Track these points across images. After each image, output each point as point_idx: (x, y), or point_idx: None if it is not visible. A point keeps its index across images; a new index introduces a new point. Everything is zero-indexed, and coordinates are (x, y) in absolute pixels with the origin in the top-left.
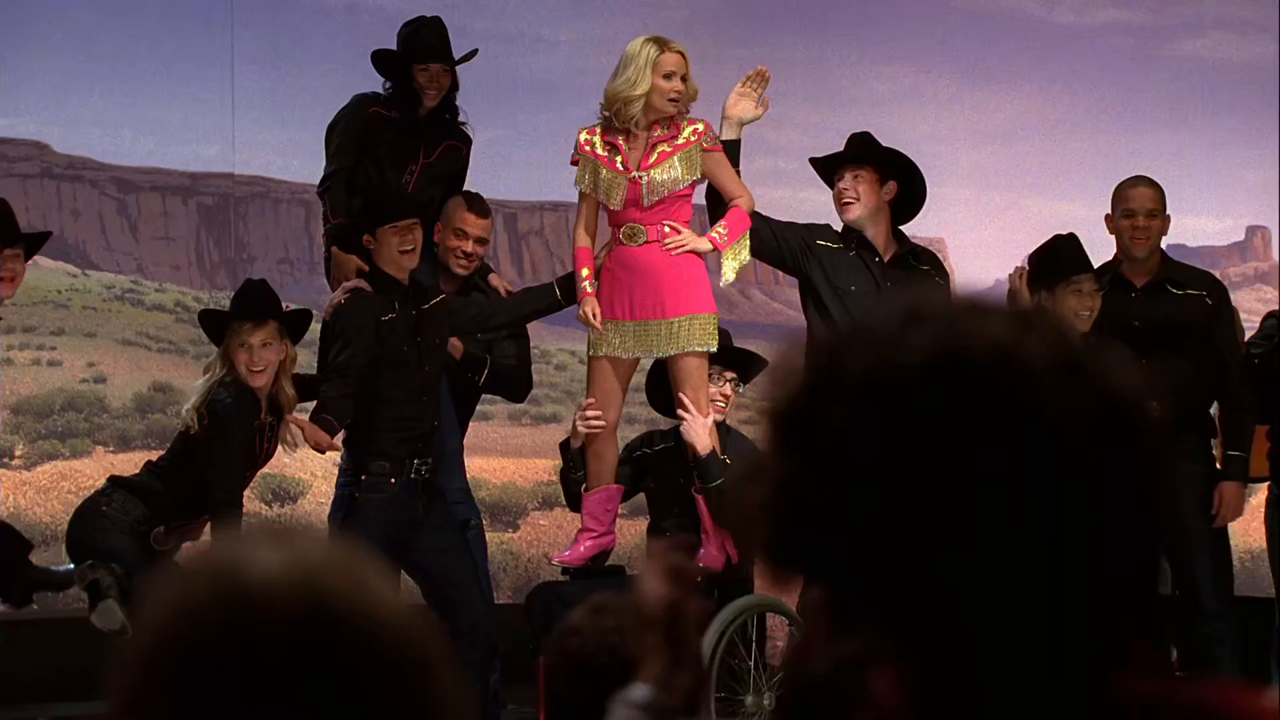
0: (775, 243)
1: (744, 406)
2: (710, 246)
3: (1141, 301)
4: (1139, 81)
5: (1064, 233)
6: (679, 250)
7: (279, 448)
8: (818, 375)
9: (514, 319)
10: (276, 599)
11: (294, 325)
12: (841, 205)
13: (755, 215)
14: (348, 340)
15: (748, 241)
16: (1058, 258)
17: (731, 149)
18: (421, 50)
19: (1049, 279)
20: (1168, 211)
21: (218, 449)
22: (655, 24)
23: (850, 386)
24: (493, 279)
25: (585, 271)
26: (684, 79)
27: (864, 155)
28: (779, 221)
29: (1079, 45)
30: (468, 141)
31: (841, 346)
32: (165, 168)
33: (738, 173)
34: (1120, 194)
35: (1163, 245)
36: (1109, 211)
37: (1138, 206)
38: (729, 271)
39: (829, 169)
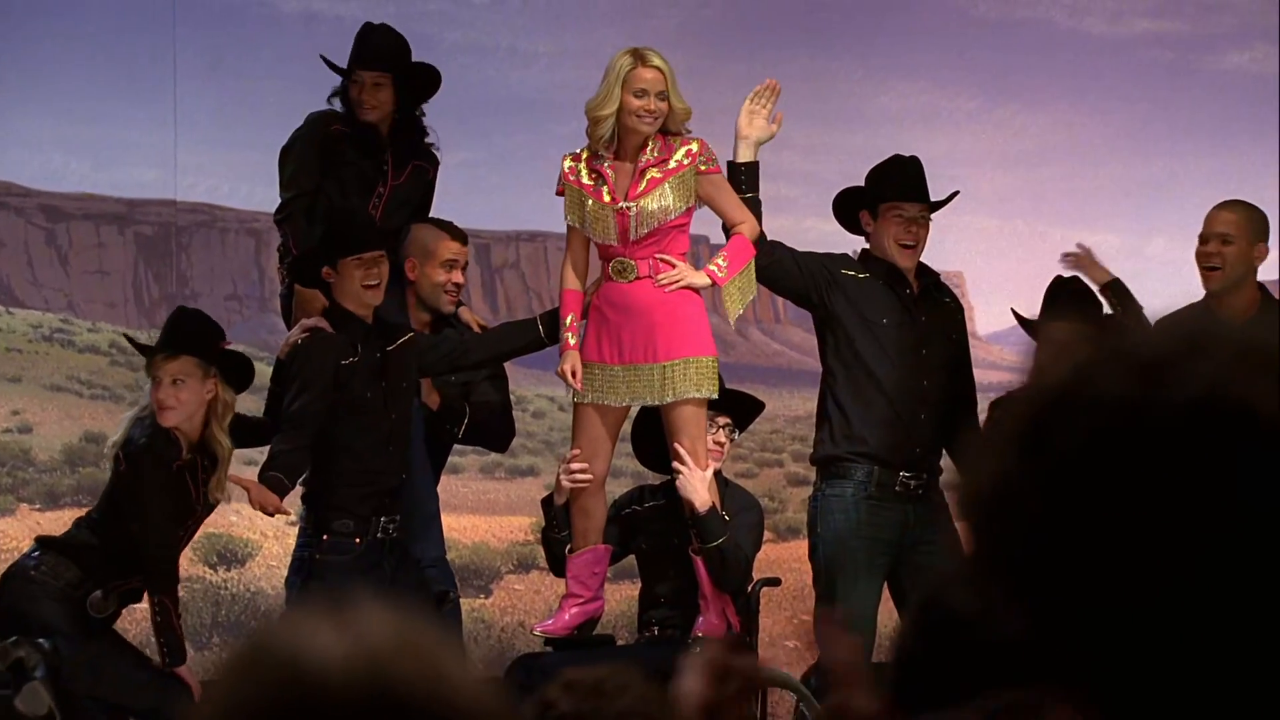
0: (799, 273)
1: (741, 457)
2: (708, 281)
3: None
4: (1178, 98)
5: (1066, 274)
6: (673, 287)
7: (221, 498)
8: (1062, 390)
9: (491, 358)
10: (340, 690)
11: (229, 367)
12: (903, 249)
13: (777, 244)
14: (304, 385)
15: (752, 274)
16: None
17: (750, 172)
18: (353, 59)
19: (873, 199)
20: (1263, 241)
21: (138, 495)
22: (642, 34)
23: (1102, 408)
24: (463, 313)
25: (570, 318)
26: (663, 96)
27: (929, 197)
28: (800, 252)
29: (1112, 58)
30: (435, 163)
31: (1098, 365)
32: (99, 194)
33: (749, 201)
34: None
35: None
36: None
37: (1208, 231)
38: (733, 309)
39: (872, 200)
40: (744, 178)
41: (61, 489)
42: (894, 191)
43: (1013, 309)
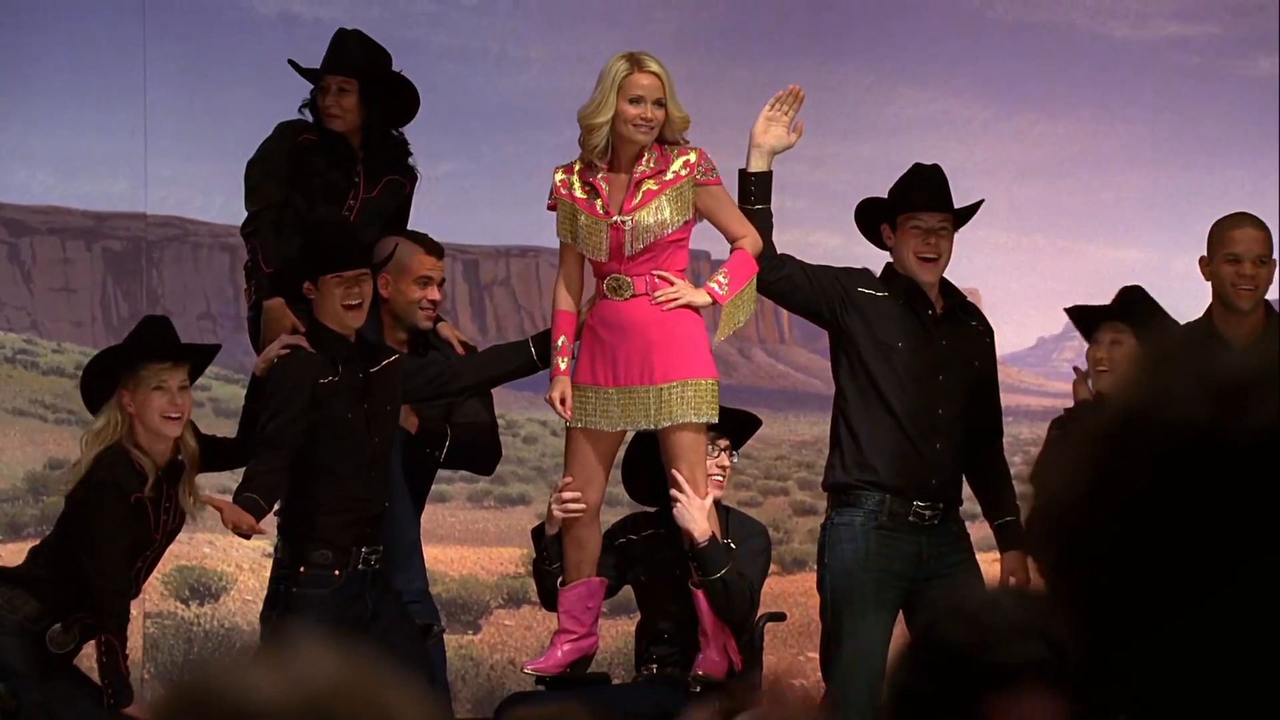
0: (810, 289)
1: (744, 485)
2: (708, 300)
3: None
4: (1206, 106)
5: (1101, 293)
6: (671, 305)
7: (192, 506)
8: (1139, 412)
9: (480, 382)
10: None
11: (199, 367)
12: (923, 262)
13: (787, 258)
14: (281, 404)
15: (753, 292)
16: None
17: (762, 182)
18: (323, 64)
19: (893, 211)
20: (1275, 256)
21: (94, 530)
22: (640, 39)
23: (1178, 431)
24: (443, 329)
25: (561, 341)
26: (660, 104)
27: (951, 205)
28: (813, 266)
29: (1136, 63)
30: (413, 179)
31: (1176, 387)
32: (65, 206)
33: (760, 213)
34: (1222, 235)
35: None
36: (1204, 254)
37: (1244, 251)
38: (725, 329)
39: (891, 212)
40: (754, 188)
41: (24, 519)
42: (912, 201)
43: (1067, 308)
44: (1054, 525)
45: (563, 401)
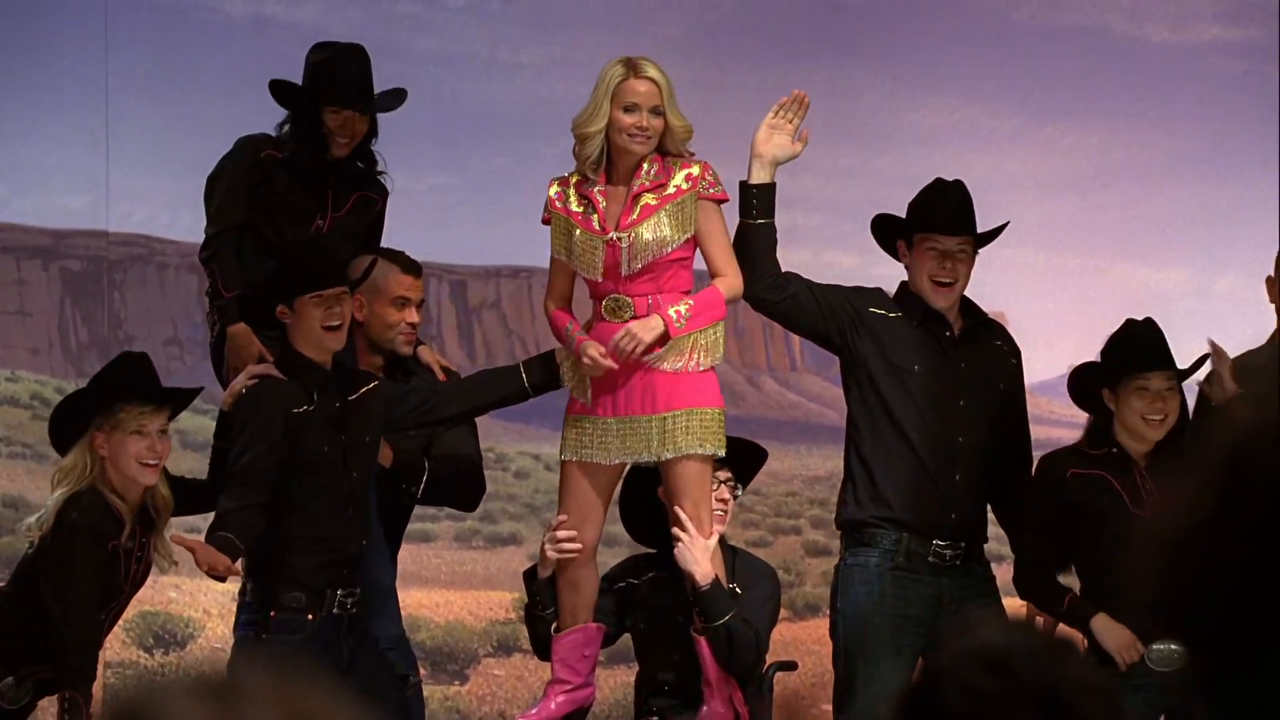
0: (818, 310)
1: (753, 523)
2: (660, 330)
3: None
4: (1253, 114)
5: (1137, 318)
6: (634, 355)
7: (164, 559)
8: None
9: (468, 411)
10: None
11: (178, 409)
12: (938, 286)
13: (792, 276)
14: (251, 437)
15: (720, 336)
16: (1124, 347)
17: (764, 195)
18: (336, 90)
19: (1115, 373)
20: None
21: (65, 578)
22: (641, 43)
23: None
24: (423, 353)
25: (570, 325)
26: (658, 112)
27: (973, 226)
28: (821, 285)
29: (1176, 69)
30: (384, 194)
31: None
32: (20, 224)
33: (762, 228)
34: None
35: None
36: (1270, 274)
37: None
38: (667, 356)
39: (904, 233)
40: (756, 201)
41: None
42: (929, 221)
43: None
44: (1172, 549)
45: (600, 354)
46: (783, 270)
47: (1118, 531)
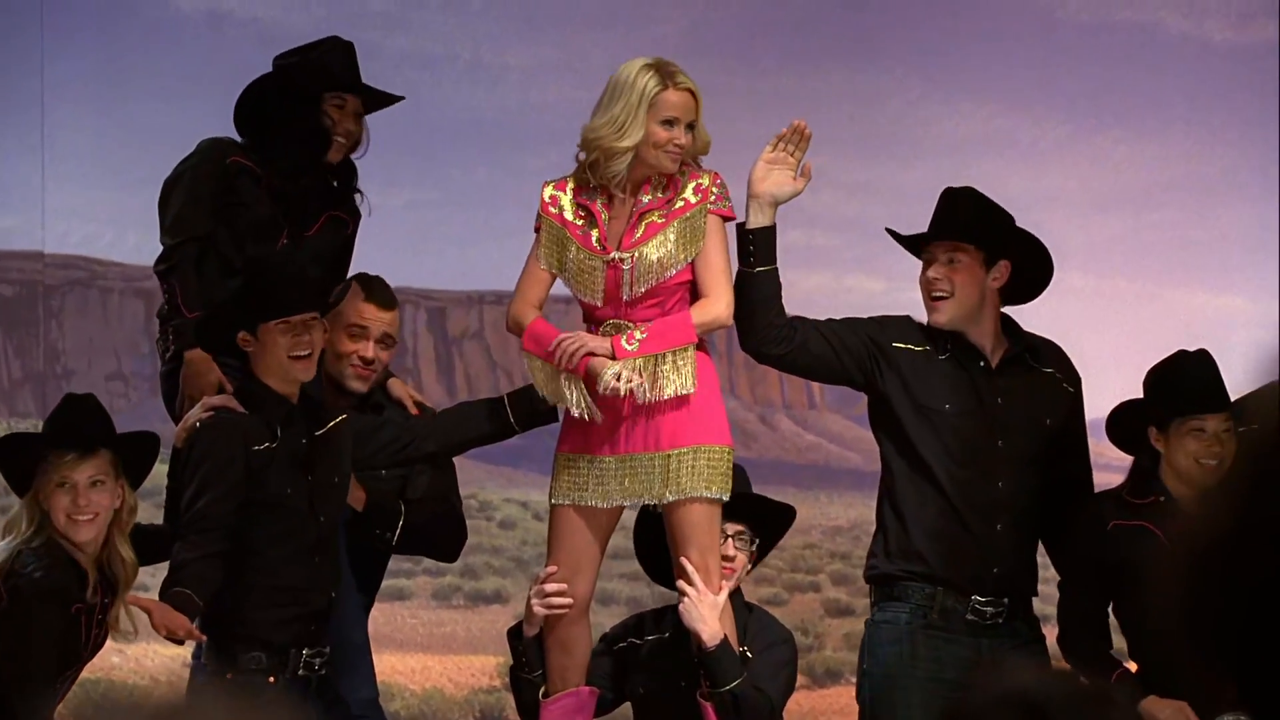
0: (833, 354)
1: (767, 579)
2: (606, 355)
3: None
4: None
5: (1191, 349)
6: (612, 390)
7: (109, 637)
8: None
9: (446, 447)
10: None
11: (134, 460)
12: (931, 301)
13: (799, 322)
14: (207, 479)
15: (687, 364)
16: (1176, 383)
17: (763, 239)
18: (341, 76)
19: (1164, 412)
20: None
21: (21, 644)
22: (639, 44)
23: None
24: (393, 385)
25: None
26: (692, 126)
27: (963, 228)
28: (836, 323)
29: (1240, 71)
30: (356, 216)
31: None
32: None
33: (764, 275)
34: None
35: None
36: None
37: None
38: (610, 381)
39: (913, 246)
40: (754, 247)
41: None
42: (928, 233)
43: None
44: (1195, 567)
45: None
46: (788, 316)
47: None
